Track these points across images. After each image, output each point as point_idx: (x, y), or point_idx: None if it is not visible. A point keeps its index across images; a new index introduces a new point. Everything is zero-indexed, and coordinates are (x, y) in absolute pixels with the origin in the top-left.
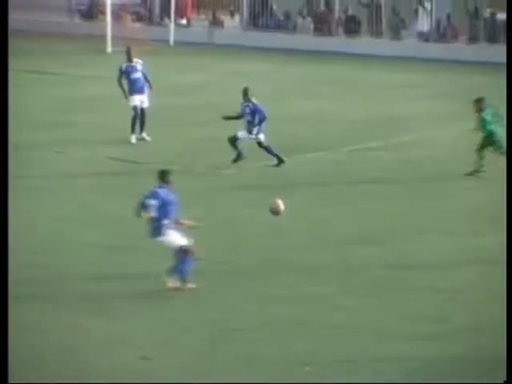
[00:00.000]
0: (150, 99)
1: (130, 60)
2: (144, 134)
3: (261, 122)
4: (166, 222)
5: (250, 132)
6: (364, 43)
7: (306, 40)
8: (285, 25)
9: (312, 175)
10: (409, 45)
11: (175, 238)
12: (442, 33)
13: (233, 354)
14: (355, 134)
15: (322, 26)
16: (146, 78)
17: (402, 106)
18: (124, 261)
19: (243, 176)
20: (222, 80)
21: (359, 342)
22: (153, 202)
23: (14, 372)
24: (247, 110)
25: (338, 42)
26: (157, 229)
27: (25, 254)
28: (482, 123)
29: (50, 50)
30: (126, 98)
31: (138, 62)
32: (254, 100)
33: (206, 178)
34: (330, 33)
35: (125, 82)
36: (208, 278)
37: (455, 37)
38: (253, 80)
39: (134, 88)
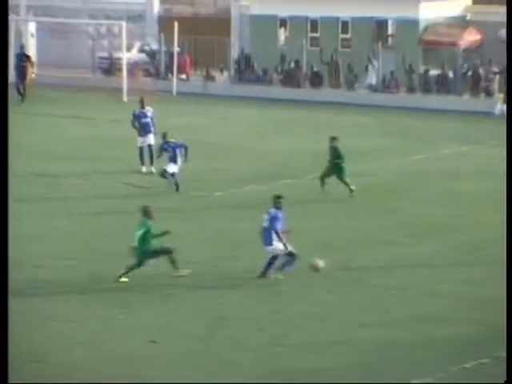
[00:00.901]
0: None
1: (142, 107)
2: (152, 167)
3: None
4: (274, 233)
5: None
6: (325, 93)
7: (280, 91)
8: (263, 79)
9: (287, 196)
10: (361, 94)
11: (280, 246)
12: (386, 85)
13: (222, 337)
14: (318, 164)
15: (292, 79)
16: (152, 122)
17: (355, 141)
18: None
19: (229, 197)
20: (214, 123)
21: (322, 328)
22: (266, 217)
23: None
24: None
25: (305, 92)
26: (268, 238)
27: (57, 259)
28: (335, 154)
29: (78, 99)
30: (139, 135)
31: (148, 110)
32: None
33: (199, 199)
34: (298, 85)
35: (137, 125)
36: (206, 278)
37: (397, 88)
38: (238, 122)
39: (143, 130)
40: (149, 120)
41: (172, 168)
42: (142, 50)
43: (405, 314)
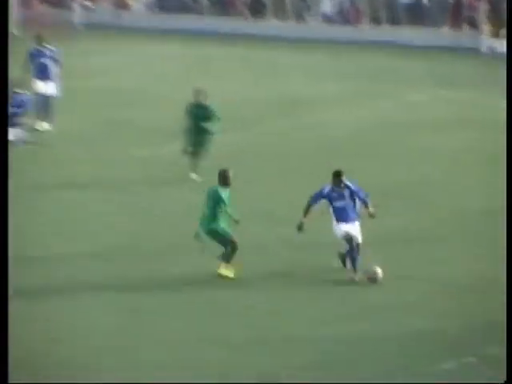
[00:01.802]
0: (59, 84)
1: (39, 44)
2: (45, 123)
3: None
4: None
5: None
6: (269, 25)
7: (211, 22)
8: (190, 6)
9: (217, 156)
10: (313, 27)
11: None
12: (345, 15)
13: (143, 333)
14: (259, 115)
15: (227, 7)
16: (54, 63)
17: (306, 86)
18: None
19: (156, 162)
20: (128, 63)
21: (269, 320)
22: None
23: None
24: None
25: (244, 23)
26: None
27: (83, 257)
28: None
29: None
30: (30, 83)
31: (46, 47)
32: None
33: (110, 163)
34: (235, 14)
35: (31, 67)
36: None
37: (358, 19)
38: (159, 62)
39: (41, 74)
40: (48, 61)
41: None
42: None
43: (371, 303)
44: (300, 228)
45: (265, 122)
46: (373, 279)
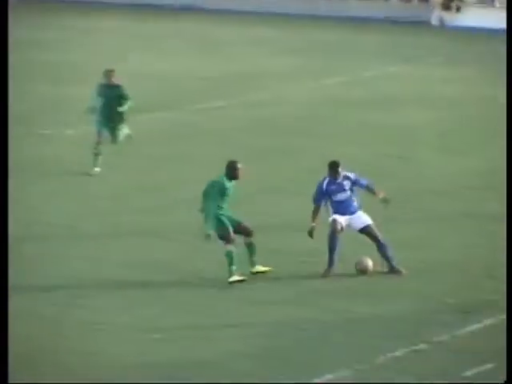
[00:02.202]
0: None
1: None
2: None
3: None
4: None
5: None
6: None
7: None
8: None
9: (162, 135)
10: (262, 0)
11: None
12: None
13: (77, 320)
14: (206, 91)
15: None
16: None
17: (254, 61)
18: None
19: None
20: (64, 37)
21: (208, 306)
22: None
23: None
24: None
25: None
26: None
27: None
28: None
29: None
30: None
31: None
32: None
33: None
34: None
35: None
36: (52, 242)
37: None
38: (98, 37)
39: None
40: None
41: None
42: None
43: (315, 287)
44: (310, 234)
45: (211, 98)
46: (363, 271)
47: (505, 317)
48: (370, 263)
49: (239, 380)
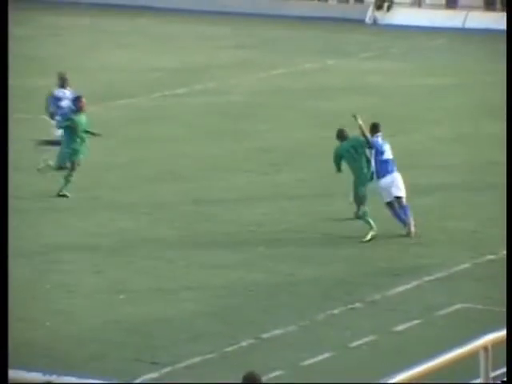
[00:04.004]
0: None
1: None
2: None
3: None
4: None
5: None
6: None
7: None
8: None
9: (125, 120)
10: (211, 0)
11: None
12: None
13: (52, 282)
14: (163, 81)
15: None
16: None
17: (204, 55)
18: None
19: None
20: (31, 33)
21: (169, 270)
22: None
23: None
24: None
25: None
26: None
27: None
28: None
29: None
30: None
31: None
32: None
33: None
34: None
35: None
36: (30, 214)
37: None
38: (61, 33)
39: None
40: None
41: None
42: None
43: (263, 253)
44: None
45: (167, 88)
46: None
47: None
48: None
49: (197, 334)
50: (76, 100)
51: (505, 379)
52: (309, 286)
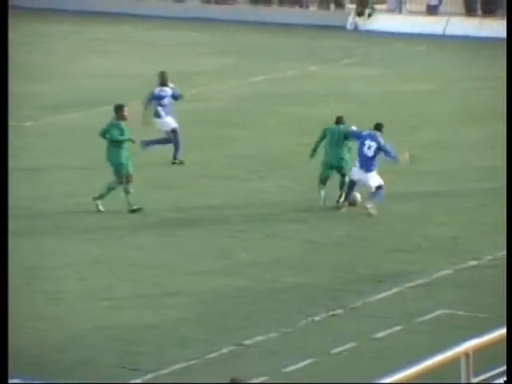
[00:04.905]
0: None
1: None
2: None
3: None
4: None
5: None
6: (148, 6)
7: (99, 2)
8: None
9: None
10: (190, 7)
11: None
12: None
13: (35, 290)
14: (143, 88)
15: None
16: None
17: (185, 62)
18: None
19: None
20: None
21: (153, 277)
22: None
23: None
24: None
25: (126, 2)
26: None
27: None
28: None
29: None
30: None
31: None
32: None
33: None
34: None
35: None
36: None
37: None
38: (45, 40)
39: None
40: None
41: None
42: None
43: (246, 259)
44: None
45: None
46: (353, 203)
47: None
48: (358, 196)
49: (181, 341)
50: (118, 109)
51: (505, 379)
52: (291, 293)
